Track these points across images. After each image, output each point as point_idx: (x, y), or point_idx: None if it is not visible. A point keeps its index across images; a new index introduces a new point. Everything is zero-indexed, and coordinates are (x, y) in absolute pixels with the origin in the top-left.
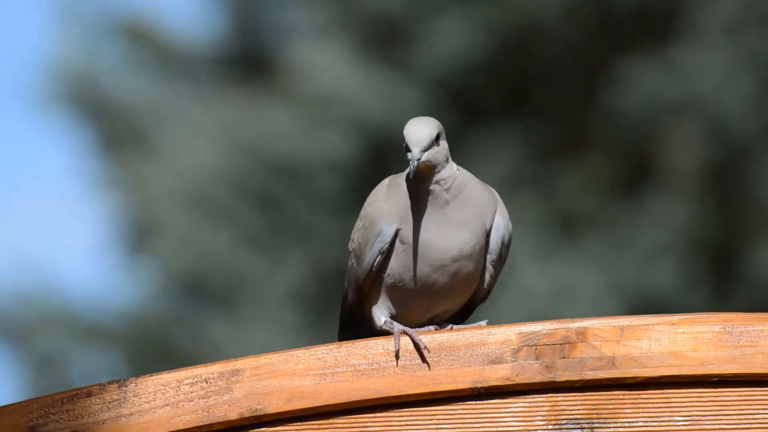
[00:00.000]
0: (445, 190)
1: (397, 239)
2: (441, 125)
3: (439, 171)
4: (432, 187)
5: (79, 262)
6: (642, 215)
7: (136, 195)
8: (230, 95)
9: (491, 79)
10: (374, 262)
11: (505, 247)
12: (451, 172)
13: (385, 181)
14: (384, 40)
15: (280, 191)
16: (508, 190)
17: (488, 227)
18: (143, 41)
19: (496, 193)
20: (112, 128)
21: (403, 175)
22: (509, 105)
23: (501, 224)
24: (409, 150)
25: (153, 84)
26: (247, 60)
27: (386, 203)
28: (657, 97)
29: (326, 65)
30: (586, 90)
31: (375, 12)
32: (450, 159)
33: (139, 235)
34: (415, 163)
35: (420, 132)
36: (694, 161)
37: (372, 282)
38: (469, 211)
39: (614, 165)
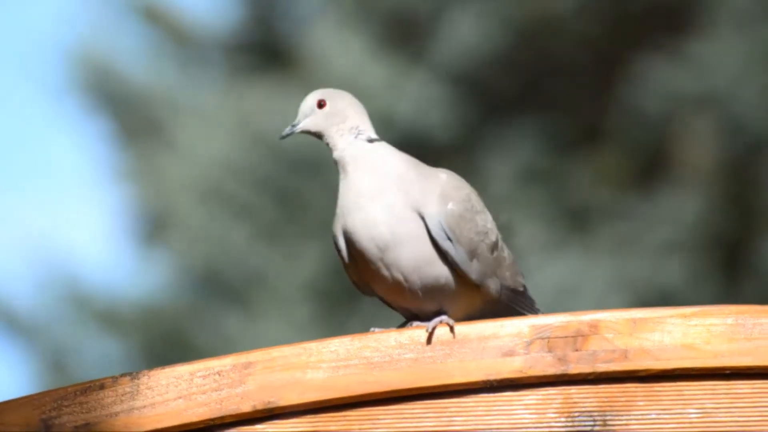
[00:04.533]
0: (348, 158)
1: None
2: (338, 93)
3: (331, 136)
4: (335, 155)
5: (94, 253)
6: (654, 210)
7: (152, 186)
8: (248, 85)
9: (506, 72)
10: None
11: (455, 235)
12: (349, 140)
13: None
14: (402, 32)
15: (297, 184)
16: (521, 183)
17: (421, 212)
18: (160, 30)
19: (444, 180)
20: (128, 117)
21: None
22: (523, 98)
23: (436, 210)
24: None
25: (170, 73)
26: (266, 50)
27: (335, 220)
28: (671, 92)
29: (344, 56)
30: (600, 84)
31: (393, 3)
32: (357, 131)
33: (155, 226)
34: (292, 130)
35: (304, 103)
36: (708, 156)
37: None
38: (375, 181)
39: (627, 159)
